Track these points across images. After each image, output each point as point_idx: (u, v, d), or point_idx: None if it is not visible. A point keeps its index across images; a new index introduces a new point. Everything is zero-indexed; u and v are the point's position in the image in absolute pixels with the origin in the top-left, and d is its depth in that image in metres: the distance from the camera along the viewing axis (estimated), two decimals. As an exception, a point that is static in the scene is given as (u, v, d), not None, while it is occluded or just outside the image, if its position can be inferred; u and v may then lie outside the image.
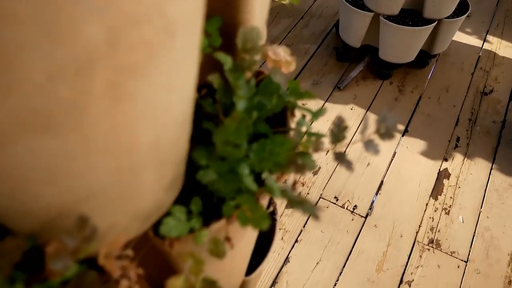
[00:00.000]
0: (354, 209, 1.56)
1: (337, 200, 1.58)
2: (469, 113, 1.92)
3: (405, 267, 1.42)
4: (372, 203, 1.58)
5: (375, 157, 1.72)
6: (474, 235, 1.51)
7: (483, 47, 2.25)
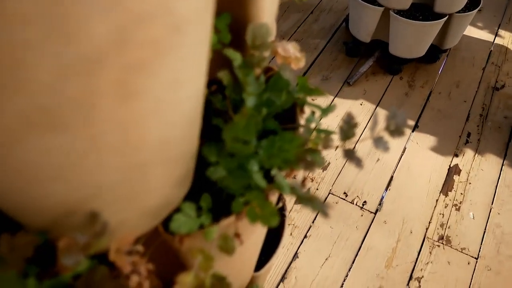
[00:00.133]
0: (363, 205, 1.55)
1: (346, 196, 1.58)
2: (480, 108, 1.90)
3: (415, 263, 1.42)
4: (381, 199, 1.57)
5: (385, 153, 1.71)
6: (484, 232, 1.50)
7: (495, 42, 2.22)
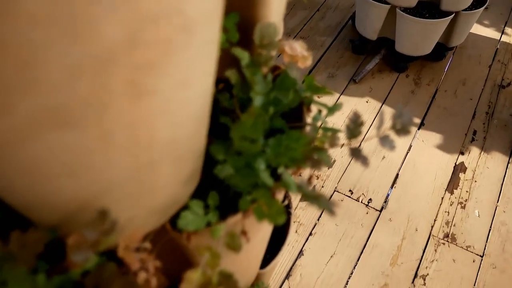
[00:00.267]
0: (369, 202, 1.55)
1: (351, 193, 1.58)
2: (486, 106, 1.89)
3: (420, 261, 1.42)
4: (387, 197, 1.57)
5: (391, 151, 1.71)
6: (490, 230, 1.50)
7: (501, 40, 2.21)
